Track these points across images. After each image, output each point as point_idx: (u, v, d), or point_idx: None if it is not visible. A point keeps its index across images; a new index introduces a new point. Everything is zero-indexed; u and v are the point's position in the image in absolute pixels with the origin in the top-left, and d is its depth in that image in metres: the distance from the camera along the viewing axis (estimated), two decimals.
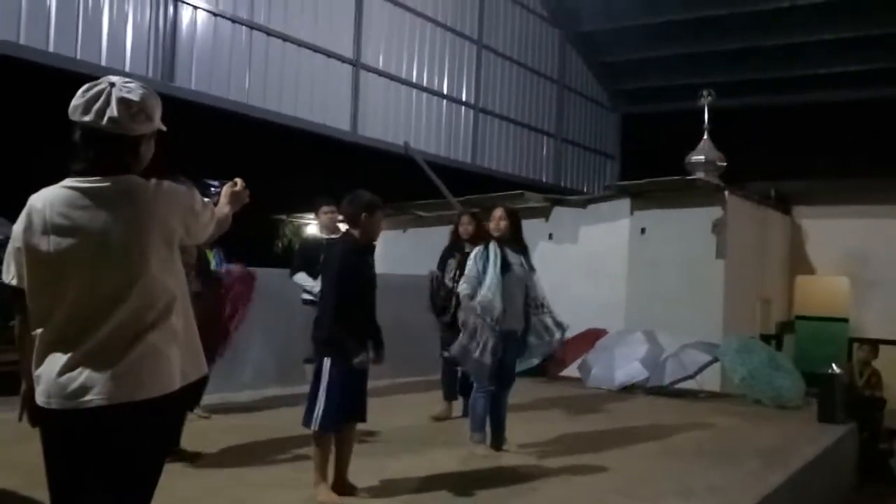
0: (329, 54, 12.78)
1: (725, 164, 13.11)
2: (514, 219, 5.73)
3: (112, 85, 2.26)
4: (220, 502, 4.30)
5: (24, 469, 3.63)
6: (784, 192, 13.59)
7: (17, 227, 2.22)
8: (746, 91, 18.05)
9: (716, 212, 11.55)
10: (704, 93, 13.30)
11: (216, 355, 5.94)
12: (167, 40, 10.43)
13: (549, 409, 7.90)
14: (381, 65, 13.87)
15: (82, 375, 2.12)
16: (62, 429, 2.19)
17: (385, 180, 5.86)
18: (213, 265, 6.12)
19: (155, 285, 2.20)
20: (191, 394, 2.40)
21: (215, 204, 2.63)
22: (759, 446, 6.48)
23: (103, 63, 9.61)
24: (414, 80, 14.68)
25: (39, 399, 2.19)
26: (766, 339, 11.21)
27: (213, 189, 2.70)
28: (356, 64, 13.30)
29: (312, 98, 12.58)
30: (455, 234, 7.05)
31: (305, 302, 6.90)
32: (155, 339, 2.19)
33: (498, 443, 5.71)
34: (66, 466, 2.21)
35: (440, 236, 14.67)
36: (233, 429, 6.06)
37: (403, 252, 12.54)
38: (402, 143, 14.25)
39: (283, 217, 13.82)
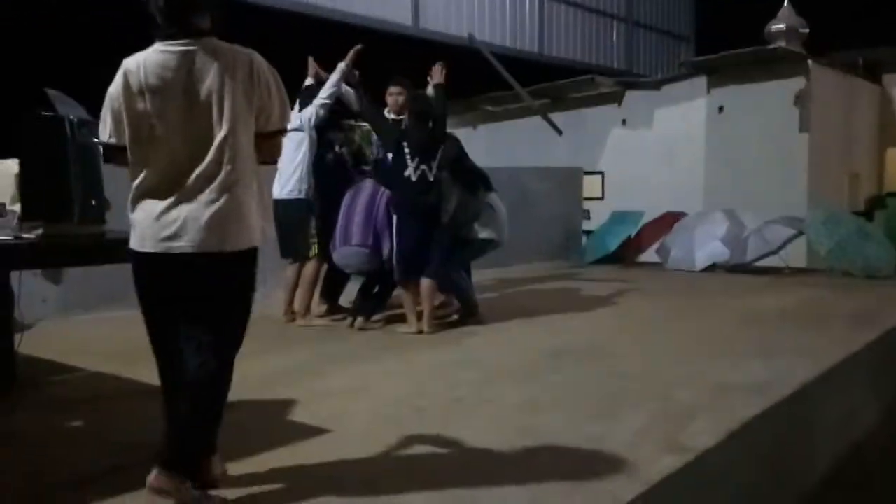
0: None
1: (808, 30, 12.35)
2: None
3: None
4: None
5: (123, 356, 4.13)
6: (873, 60, 12.75)
7: (114, 89, 2.38)
8: None
9: (798, 83, 11.01)
10: None
11: None
12: None
13: (625, 291, 7.77)
14: None
15: (176, 223, 2.31)
16: (156, 270, 2.38)
17: (450, 76, 5.68)
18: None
19: (240, 144, 2.38)
20: None
21: None
22: (847, 311, 6.26)
23: None
24: None
25: (134, 243, 2.38)
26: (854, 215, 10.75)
27: None
28: None
29: None
30: None
31: None
32: (241, 194, 2.37)
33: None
34: (161, 305, 2.42)
35: (511, 131, 14.28)
36: None
37: (477, 149, 12.35)
38: (465, 35, 13.87)
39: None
